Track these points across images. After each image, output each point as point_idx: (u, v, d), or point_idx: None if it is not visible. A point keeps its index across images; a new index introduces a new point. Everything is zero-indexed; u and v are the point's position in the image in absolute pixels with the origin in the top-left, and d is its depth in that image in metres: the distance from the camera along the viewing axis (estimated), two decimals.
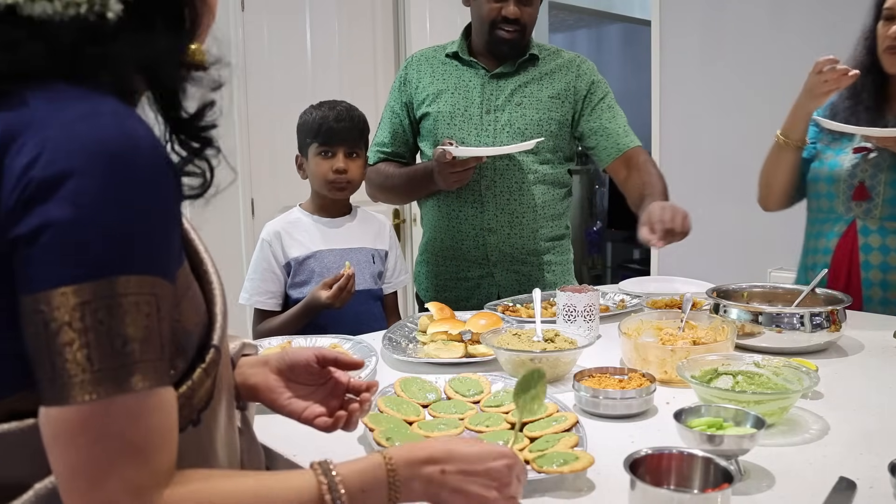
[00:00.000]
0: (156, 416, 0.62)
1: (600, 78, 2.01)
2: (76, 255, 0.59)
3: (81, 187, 0.60)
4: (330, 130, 1.80)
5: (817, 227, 1.90)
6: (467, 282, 2.02)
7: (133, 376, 0.61)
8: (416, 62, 2.05)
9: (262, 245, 1.84)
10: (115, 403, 0.60)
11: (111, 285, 0.60)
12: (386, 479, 0.74)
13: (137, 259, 0.62)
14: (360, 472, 0.74)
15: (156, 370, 0.62)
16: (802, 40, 2.97)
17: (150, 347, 0.62)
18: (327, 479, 0.71)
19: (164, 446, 0.63)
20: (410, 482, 0.76)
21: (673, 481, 0.87)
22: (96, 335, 0.59)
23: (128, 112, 0.66)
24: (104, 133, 0.62)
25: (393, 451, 0.77)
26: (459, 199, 1.97)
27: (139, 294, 0.61)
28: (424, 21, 3.45)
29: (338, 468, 0.72)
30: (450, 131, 1.95)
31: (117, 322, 0.60)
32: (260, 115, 3.09)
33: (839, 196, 1.81)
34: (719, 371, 1.21)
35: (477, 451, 0.80)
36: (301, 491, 0.70)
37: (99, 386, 0.59)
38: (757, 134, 3.13)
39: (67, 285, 0.59)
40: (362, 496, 0.73)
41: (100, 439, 0.60)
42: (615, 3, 5.16)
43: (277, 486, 0.70)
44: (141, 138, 0.64)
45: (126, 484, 0.61)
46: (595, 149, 1.98)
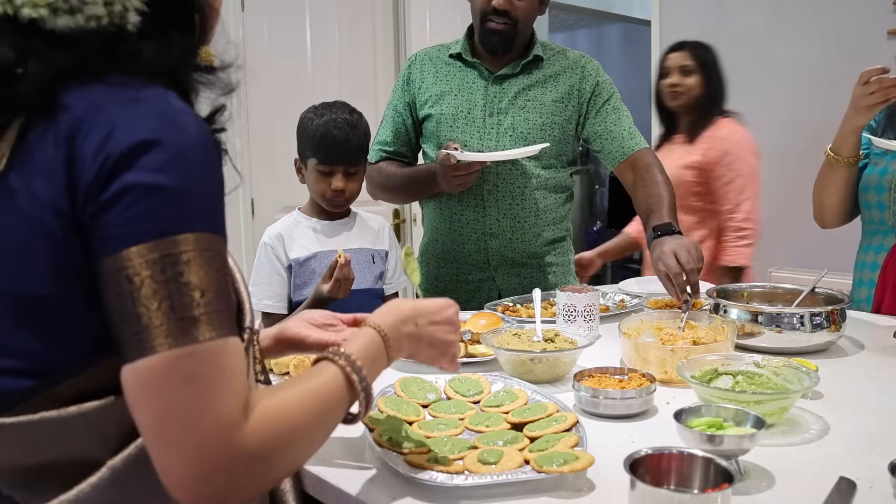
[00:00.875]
0: (234, 358, 0.68)
1: (605, 78, 1.97)
2: (153, 214, 0.65)
3: (155, 155, 0.66)
4: (330, 150, 1.78)
5: (867, 240, 1.82)
6: (468, 285, 2.01)
7: (211, 323, 0.66)
8: (420, 62, 2.03)
9: (265, 248, 1.84)
10: (199, 348, 0.65)
11: (186, 241, 0.66)
12: (383, 346, 0.88)
13: (205, 218, 0.68)
14: (367, 348, 0.85)
15: (229, 319, 0.68)
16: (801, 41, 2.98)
17: (222, 299, 0.68)
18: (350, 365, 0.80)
19: (243, 383, 0.68)
20: (399, 342, 0.91)
21: (673, 481, 0.87)
22: (177, 286, 0.65)
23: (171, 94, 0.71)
24: (163, 108, 0.69)
25: (379, 321, 0.90)
26: (461, 202, 1.96)
27: (208, 250, 0.67)
28: (424, 21, 3.45)
29: (351, 352, 0.82)
30: (452, 134, 1.94)
31: (194, 275, 0.66)
32: (260, 115, 3.09)
33: (890, 207, 1.72)
34: (719, 371, 1.21)
35: (432, 304, 0.97)
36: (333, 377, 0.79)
37: (184, 333, 0.64)
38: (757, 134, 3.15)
39: (147, 242, 0.65)
40: (373, 367, 0.85)
41: (188, 382, 0.64)
42: (615, 3, 5.16)
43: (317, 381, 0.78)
44: (190, 114, 0.71)
45: (219, 421, 0.65)
46: (601, 152, 1.95)
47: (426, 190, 1.96)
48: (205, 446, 0.64)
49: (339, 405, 0.79)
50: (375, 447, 1.01)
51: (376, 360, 0.86)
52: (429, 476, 0.92)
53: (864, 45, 2.81)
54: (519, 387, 1.24)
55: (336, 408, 0.79)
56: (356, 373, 0.80)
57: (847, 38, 2.86)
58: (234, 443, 0.65)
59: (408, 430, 1.06)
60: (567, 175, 2.01)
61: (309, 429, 0.74)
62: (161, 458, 0.65)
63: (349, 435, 1.11)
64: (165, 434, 0.64)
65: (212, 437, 0.64)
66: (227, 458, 0.65)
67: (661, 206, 1.75)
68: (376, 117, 2.13)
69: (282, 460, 0.71)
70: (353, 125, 1.80)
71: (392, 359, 0.89)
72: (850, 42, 2.85)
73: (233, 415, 0.66)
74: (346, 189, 1.81)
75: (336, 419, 0.79)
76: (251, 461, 0.67)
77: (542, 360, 1.31)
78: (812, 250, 2.94)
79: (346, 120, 1.79)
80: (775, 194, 3.07)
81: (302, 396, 0.74)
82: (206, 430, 0.64)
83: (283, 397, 0.72)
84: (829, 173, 1.80)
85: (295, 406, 0.72)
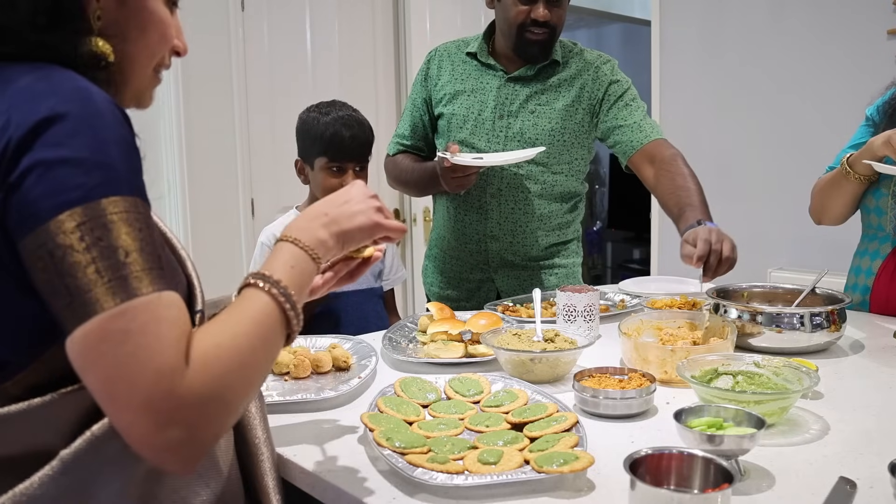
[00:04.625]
0: (170, 310, 0.68)
1: (619, 78, 1.94)
2: (64, 185, 0.66)
3: (56, 130, 0.67)
4: (342, 147, 1.77)
5: (865, 245, 1.80)
6: (469, 283, 2.02)
7: (141, 281, 0.67)
8: (439, 57, 2.03)
9: (261, 248, 1.84)
10: (130, 305, 0.65)
11: (101, 206, 0.66)
12: (304, 253, 0.86)
13: (119, 182, 0.68)
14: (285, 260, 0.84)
15: (161, 277, 0.69)
16: (802, 40, 2.98)
17: (150, 257, 0.68)
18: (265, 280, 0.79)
19: (182, 333, 0.69)
20: (317, 237, 0.89)
21: (673, 481, 0.87)
22: (99, 251, 0.65)
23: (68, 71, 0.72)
24: (60, 85, 0.70)
25: (288, 230, 0.88)
26: (465, 203, 1.96)
27: (127, 212, 0.68)
28: (424, 21, 3.44)
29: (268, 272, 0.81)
30: (461, 135, 1.93)
31: (114, 237, 0.66)
32: (260, 115, 3.09)
33: (887, 213, 1.71)
34: (719, 371, 1.21)
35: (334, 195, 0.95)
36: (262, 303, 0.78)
37: (114, 295, 0.65)
38: (757, 133, 3.15)
39: (62, 212, 0.65)
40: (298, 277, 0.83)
41: (124, 340, 0.65)
42: (615, 3, 5.16)
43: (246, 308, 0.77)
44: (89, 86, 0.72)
45: (160, 372, 0.65)
46: (614, 147, 1.92)
47: (434, 187, 1.96)
48: (153, 399, 0.65)
49: (274, 328, 0.78)
50: (375, 447, 1.00)
51: (301, 270, 0.85)
52: (429, 476, 0.92)
53: (864, 45, 2.80)
54: (519, 387, 1.24)
55: (270, 334, 0.78)
56: (283, 295, 0.79)
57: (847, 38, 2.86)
58: (181, 389, 0.66)
59: (408, 430, 1.06)
60: (576, 182, 1.99)
61: (250, 358, 0.74)
62: (116, 418, 0.66)
63: (349, 435, 1.11)
64: (114, 395, 0.65)
65: (157, 389, 0.65)
66: (178, 406, 0.66)
67: (692, 199, 1.67)
68: (376, 117, 2.13)
69: (233, 394, 0.71)
70: (360, 122, 1.81)
71: (322, 258, 0.88)
72: (850, 42, 2.85)
73: (173, 363, 0.66)
74: None
75: (275, 342, 0.79)
76: (203, 403, 0.67)
77: (542, 360, 1.31)
78: (812, 250, 2.94)
79: (352, 117, 1.80)
80: (775, 195, 3.08)
81: (235, 330, 0.74)
82: (150, 384, 0.65)
83: (216, 335, 0.73)
84: (839, 182, 1.76)
85: (230, 341, 0.72)
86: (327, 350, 1.43)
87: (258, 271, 0.81)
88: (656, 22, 3.39)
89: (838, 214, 1.83)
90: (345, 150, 1.77)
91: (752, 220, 3.17)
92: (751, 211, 3.18)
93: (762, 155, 3.14)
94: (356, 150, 1.78)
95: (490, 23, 1.99)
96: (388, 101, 3.48)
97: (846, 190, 1.76)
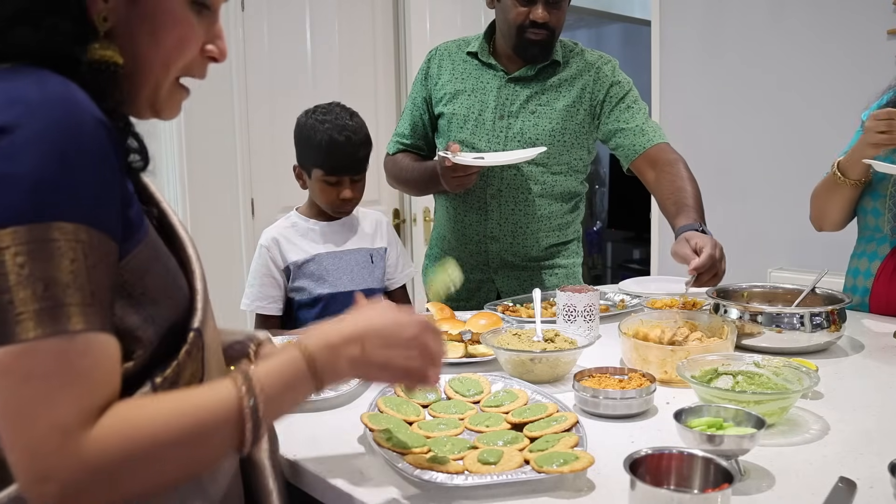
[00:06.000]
0: (84, 359, 0.63)
1: (620, 79, 1.93)
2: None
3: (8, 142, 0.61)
4: (338, 160, 1.75)
5: (862, 246, 1.80)
6: (469, 283, 2.02)
7: (58, 319, 0.61)
8: (439, 57, 2.03)
9: (261, 251, 1.84)
10: (41, 344, 0.61)
11: (30, 231, 0.61)
12: (307, 370, 0.76)
13: (58, 206, 0.62)
14: (279, 369, 0.75)
15: (84, 314, 0.63)
16: (802, 40, 2.98)
17: (76, 293, 0.62)
18: (246, 383, 0.71)
19: (96, 388, 0.64)
20: (334, 366, 0.79)
21: (673, 481, 0.87)
22: (17, 279, 0.60)
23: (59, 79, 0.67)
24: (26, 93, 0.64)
25: (308, 341, 0.78)
26: (465, 203, 1.96)
27: (61, 240, 0.62)
28: (424, 21, 3.44)
29: (257, 369, 0.73)
30: (461, 135, 1.93)
31: (38, 266, 0.61)
32: (260, 115, 3.09)
33: (885, 214, 1.70)
34: (719, 371, 1.21)
35: (390, 322, 0.83)
36: (222, 397, 0.71)
37: (22, 327, 0.60)
38: (757, 134, 3.15)
39: None
40: (285, 393, 0.75)
41: (26, 381, 0.60)
42: (615, 3, 5.16)
43: (202, 398, 0.71)
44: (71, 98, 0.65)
45: (53, 425, 0.61)
46: (616, 150, 1.92)
47: (434, 186, 1.96)
48: (38, 450, 0.61)
49: (219, 430, 0.70)
50: (375, 447, 1.00)
51: (292, 384, 0.76)
52: (429, 476, 0.92)
53: (864, 45, 2.80)
54: (519, 387, 1.24)
55: (212, 432, 0.70)
56: (250, 396, 0.71)
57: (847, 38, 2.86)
58: (69, 450, 0.62)
59: (408, 430, 1.06)
60: (577, 182, 1.99)
61: (170, 449, 0.67)
62: (6, 454, 0.63)
63: (349, 435, 1.11)
64: (4, 430, 0.62)
65: (46, 442, 0.61)
66: (61, 466, 0.61)
67: (688, 201, 1.68)
68: (376, 117, 2.13)
69: (129, 478, 0.65)
70: (356, 131, 1.77)
71: (325, 384, 0.79)
72: (850, 42, 2.85)
73: (71, 420, 0.62)
74: (354, 197, 1.81)
75: (214, 445, 0.71)
76: (88, 472, 0.62)
77: (542, 360, 1.31)
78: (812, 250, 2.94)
79: (348, 126, 1.76)
80: (775, 195, 3.08)
81: (173, 411, 0.68)
82: (39, 434, 0.61)
83: (148, 409, 0.67)
84: (832, 189, 1.76)
85: (157, 420, 0.66)
86: None
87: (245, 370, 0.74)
88: (656, 22, 3.39)
89: (837, 220, 1.82)
90: (340, 163, 1.76)
91: (752, 220, 3.17)
92: (751, 211, 3.18)
93: (762, 155, 3.14)
94: (352, 165, 1.78)
95: (491, 22, 1.98)
96: (387, 101, 3.48)
97: (841, 195, 1.75)
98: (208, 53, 0.81)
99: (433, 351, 0.86)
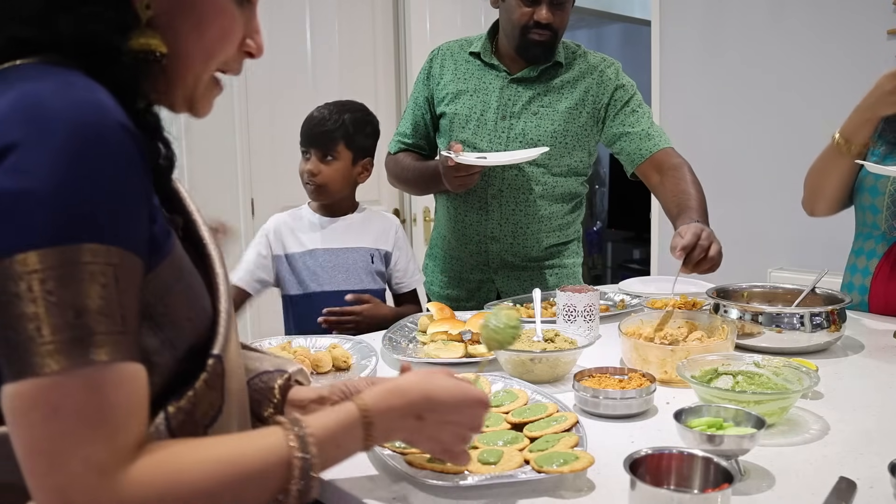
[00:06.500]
0: (118, 391, 0.59)
1: (624, 82, 1.93)
2: (20, 223, 0.57)
3: (26, 157, 0.58)
4: (306, 133, 1.83)
5: (860, 243, 1.77)
6: (469, 283, 2.02)
7: (88, 349, 0.58)
8: (441, 56, 2.02)
9: (261, 233, 1.88)
10: (71, 377, 0.57)
11: (60, 254, 0.57)
12: (362, 431, 0.74)
13: (90, 227, 0.59)
14: (334, 427, 0.72)
15: (116, 343, 0.59)
16: (802, 40, 2.98)
17: (107, 319, 0.59)
18: (298, 439, 0.69)
19: (129, 423, 0.60)
20: (387, 431, 0.77)
21: (673, 481, 0.87)
22: (47, 306, 0.57)
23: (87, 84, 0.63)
24: (56, 102, 0.60)
25: (369, 401, 0.75)
26: (466, 203, 1.96)
27: (93, 263, 0.58)
28: (424, 21, 3.45)
29: (310, 423, 0.70)
30: (463, 135, 1.93)
31: (69, 292, 0.57)
32: (260, 115, 3.09)
33: (883, 212, 1.68)
34: (719, 371, 1.21)
35: (455, 398, 0.81)
36: (271, 450, 0.67)
37: (51, 359, 0.57)
38: (757, 134, 3.15)
39: (13, 255, 0.57)
40: (336, 451, 0.72)
41: (56, 415, 0.57)
42: (615, 3, 5.16)
43: (249, 447, 0.68)
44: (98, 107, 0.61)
45: (87, 463, 0.57)
46: (620, 155, 1.92)
47: (435, 186, 1.96)
48: (72, 490, 0.57)
49: (265, 481, 0.67)
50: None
51: (343, 445, 0.73)
52: (429, 476, 0.92)
53: (864, 45, 2.80)
54: (519, 387, 1.24)
55: (258, 483, 0.66)
56: (302, 450, 0.68)
57: (847, 38, 2.86)
58: (106, 491, 0.58)
59: None
60: (577, 183, 1.98)
61: (210, 499, 0.63)
62: (32, 491, 0.59)
63: None
64: (33, 469, 0.58)
65: (80, 482, 0.57)
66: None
67: (691, 203, 1.68)
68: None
69: None
70: (337, 112, 1.82)
71: (372, 445, 0.76)
72: (850, 42, 2.85)
73: (106, 458, 0.58)
74: (319, 173, 1.81)
75: (257, 496, 0.67)
76: None
77: (542, 360, 1.31)
78: (812, 250, 2.94)
79: (335, 109, 1.82)
80: (775, 194, 3.07)
81: (217, 458, 0.64)
82: (72, 473, 0.57)
83: (191, 453, 0.64)
84: (832, 160, 1.72)
85: (200, 467, 0.63)
86: (327, 350, 1.43)
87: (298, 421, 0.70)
88: (656, 22, 3.39)
89: (832, 199, 1.78)
90: (307, 136, 1.82)
91: (752, 220, 3.17)
92: (751, 211, 3.18)
93: (762, 155, 3.14)
94: (316, 137, 1.81)
95: (494, 22, 1.98)
96: (387, 101, 3.48)
97: (842, 165, 1.70)
98: (246, 48, 0.78)
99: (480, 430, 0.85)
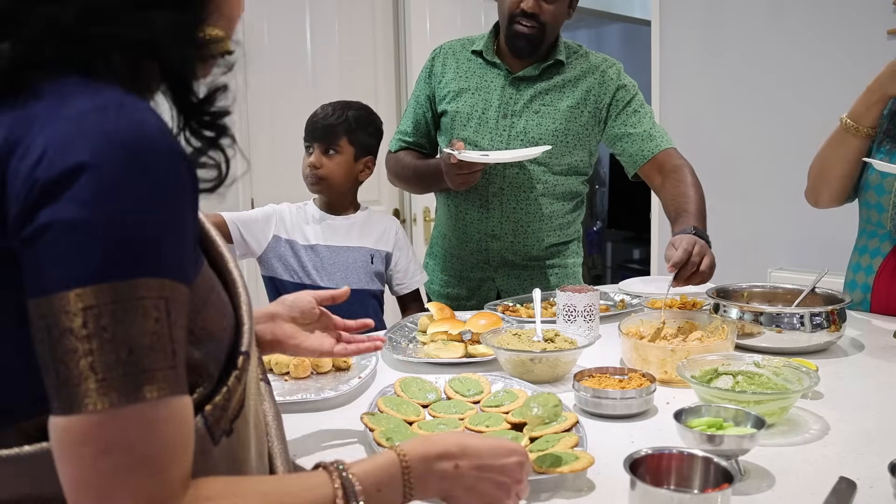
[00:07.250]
0: (168, 426, 0.59)
1: (626, 82, 1.92)
2: (78, 257, 0.56)
3: (85, 186, 0.56)
4: (310, 126, 1.85)
5: (864, 241, 1.76)
6: (469, 282, 2.02)
7: (141, 385, 0.57)
8: (444, 55, 2.02)
9: (270, 208, 1.90)
10: (123, 413, 0.57)
11: (116, 289, 0.56)
12: (401, 477, 0.74)
13: (145, 261, 0.58)
14: (375, 471, 0.73)
15: (166, 379, 0.59)
16: (802, 40, 2.98)
17: (159, 355, 0.58)
18: (342, 480, 0.69)
19: (179, 458, 0.60)
20: (425, 478, 0.76)
21: (673, 481, 0.87)
22: (100, 342, 0.56)
23: (137, 103, 0.62)
24: (111, 126, 0.58)
25: (407, 448, 0.76)
26: (467, 201, 1.96)
27: (147, 298, 0.58)
28: (424, 21, 3.44)
29: (352, 468, 0.71)
30: (465, 133, 1.93)
31: (123, 328, 0.57)
32: (260, 115, 3.09)
33: (888, 210, 1.68)
34: (719, 371, 1.21)
35: (490, 446, 0.80)
36: (317, 493, 0.68)
37: (104, 395, 0.56)
38: (757, 134, 3.15)
39: (69, 289, 0.56)
40: (378, 496, 0.72)
41: (107, 451, 0.57)
42: (615, 3, 5.16)
43: (293, 485, 0.69)
44: (152, 130, 0.60)
45: (136, 498, 0.57)
46: (621, 156, 1.91)
47: (435, 184, 1.96)
48: None
49: None
50: (375, 447, 1.00)
51: (384, 490, 0.73)
52: None
53: (864, 45, 2.80)
54: (519, 387, 1.24)
55: None
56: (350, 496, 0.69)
57: (847, 38, 2.86)
58: None
59: (408, 430, 1.06)
60: (578, 182, 1.98)
61: None
62: None
63: (349, 435, 1.11)
64: (79, 501, 0.57)
65: None
66: None
67: (689, 206, 1.68)
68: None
69: None
70: (340, 108, 1.84)
71: (411, 496, 0.75)
72: (850, 42, 2.85)
73: (156, 493, 0.58)
74: (321, 166, 1.83)
75: None
76: None
77: (542, 360, 1.31)
78: (812, 250, 2.94)
79: (338, 106, 1.85)
80: (775, 195, 3.07)
81: (264, 493, 0.65)
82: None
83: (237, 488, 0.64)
84: (840, 143, 1.69)
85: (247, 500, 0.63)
86: None
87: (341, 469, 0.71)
88: (656, 22, 3.39)
89: (837, 186, 1.75)
90: (311, 129, 1.84)
91: (752, 220, 3.17)
92: (751, 211, 3.18)
93: (762, 155, 3.14)
94: (320, 130, 1.83)
95: (496, 21, 1.98)
96: (387, 101, 3.48)
97: (850, 148, 1.68)
98: None
99: (522, 485, 0.83)
